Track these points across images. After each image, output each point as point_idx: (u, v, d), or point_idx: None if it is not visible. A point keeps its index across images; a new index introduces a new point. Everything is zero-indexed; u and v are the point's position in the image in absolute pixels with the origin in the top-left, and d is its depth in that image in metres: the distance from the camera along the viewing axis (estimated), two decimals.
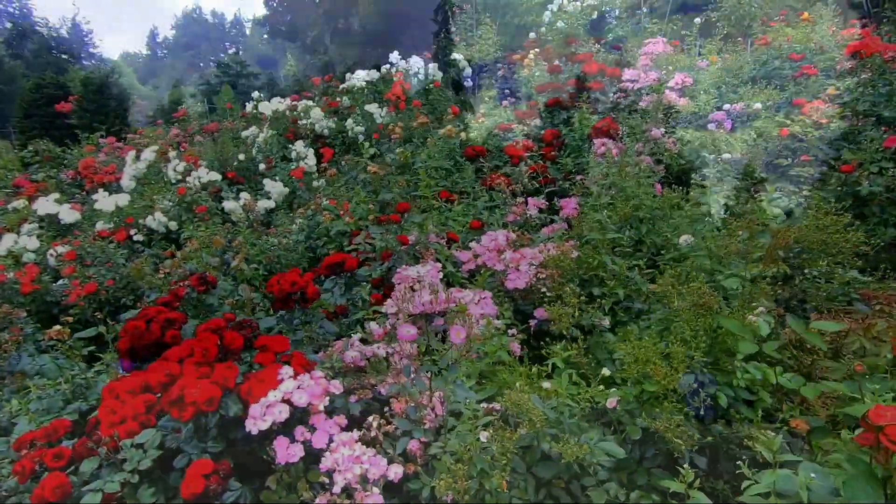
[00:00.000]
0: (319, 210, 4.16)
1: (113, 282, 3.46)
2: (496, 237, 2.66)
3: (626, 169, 3.66)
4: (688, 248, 2.83)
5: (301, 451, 1.56)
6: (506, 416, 1.64)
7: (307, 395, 1.58)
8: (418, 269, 2.52)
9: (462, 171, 4.73)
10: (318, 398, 1.60)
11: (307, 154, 5.88)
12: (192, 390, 1.49)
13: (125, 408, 1.71)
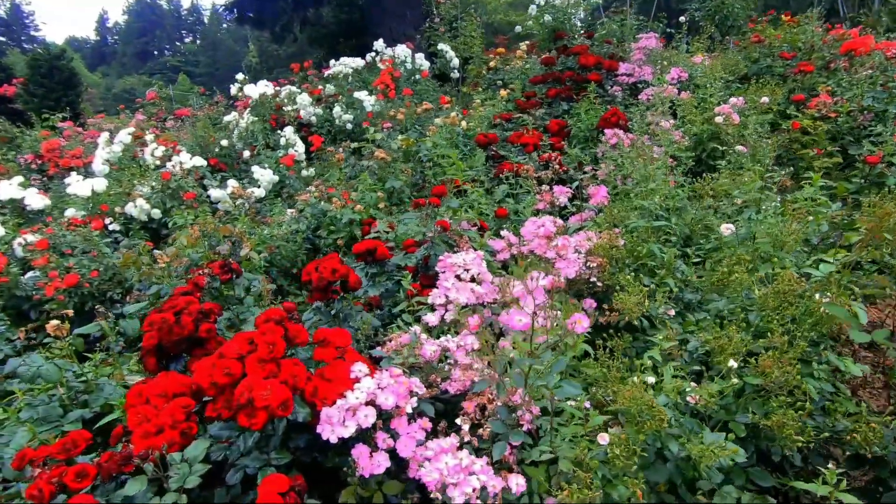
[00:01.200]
0: (323, 198, 3.87)
1: (98, 273, 3.08)
2: (543, 223, 2.49)
3: (645, 159, 3.58)
4: (731, 237, 2.75)
5: (387, 461, 1.34)
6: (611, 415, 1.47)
7: (393, 395, 1.35)
8: (464, 257, 2.33)
9: (469, 158, 4.54)
10: (404, 399, 1.38)
11: (296, 141, 5.55)
12: (261, 392, 1.24)
13: (161, 415, 1.44)
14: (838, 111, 4.10)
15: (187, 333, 1.64)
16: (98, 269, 3.10)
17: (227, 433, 1.37)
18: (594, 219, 3.08)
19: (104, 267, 3.14)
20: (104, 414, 2.05)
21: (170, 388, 1.53)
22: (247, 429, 1.35)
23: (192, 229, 2.83)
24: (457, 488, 1.17)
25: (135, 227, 4.41)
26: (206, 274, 2.13)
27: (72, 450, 1.42)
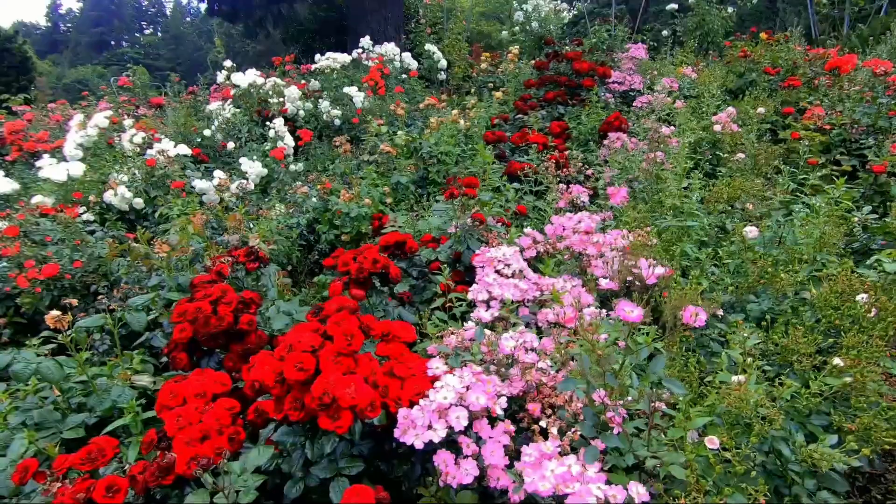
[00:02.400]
0: (323, 192, 3.67)
1: (81, 263, 2.78)
2: (581, 219, 2.39)
3: (651, 162, 3.61)
4: (755, 240, 2.75)
5: (475, 469, 1.20)
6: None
7: (484, 395, 1.21)
8: (503, 251, 2.21)
9: (471, 157, 4.44)
10: (493, 399, 1.23)
11: (285, 134, 5.30)
12: (344, 390, 1.07)
13: (206, 418, 1.24)
14: (832, 124, 4.23)
15: (226, 325, 1.45)
16: (82, 259, 2.80)
17: (290, 439, 1.19)
18: (616, 218, 3.03)
19: (87, 257, 2.84)
20: (107, 419, 1.81)
21: (208, 388, 1.33)
22: (318, 433, 1.18)
23: (195, 217, 2.59)
24: (575, 498, 1.04)
25: (111, 217, 4.07)
26: (230, 262, 1.92)
27: (98, 459, 1.20)
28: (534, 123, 4.42)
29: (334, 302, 1.30)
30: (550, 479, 1.10)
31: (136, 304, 1.94)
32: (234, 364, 1.50)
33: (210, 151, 5.59)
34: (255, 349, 1.50)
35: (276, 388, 1.15)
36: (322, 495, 1.24)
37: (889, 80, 4.29)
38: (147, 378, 1.88)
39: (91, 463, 1.20)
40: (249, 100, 6.09)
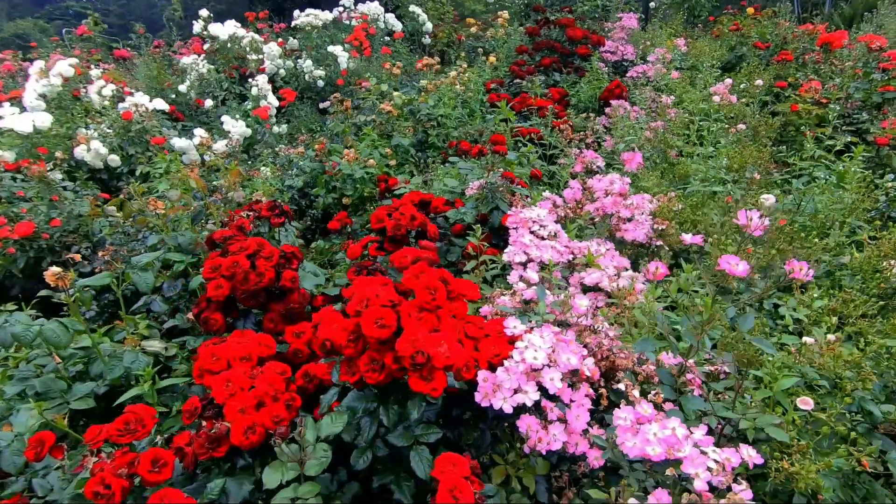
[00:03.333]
0: (323, 152, 3.44)
1: (60, 222, 2.50)
2: (612, 180, 2.30)
3: (656, 130, 3.56)
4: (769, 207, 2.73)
5: (564, 435, 1.11)
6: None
7: (575, 356, 1.11)
8: (538, 212, 2.11)
9: (469, 121, 4.28)
10: (581, 360, 1.14)
11: (268, 92, 4.98)
12: (437, 349, 0.95)
13: (260, 384, 1.10)
14: (828, 97, 4.27)
15: (267, 282, 1.29)
16: (60, 217, 2.52)
17: (362, 405, 1.06)
18: (633, 184, 2.97)
19: (66, 215, 2.56)
20: (116, 388, 1.63)
21: (253, 350, 1.18)
22: (392, 398, 1.06)
23: (193, 171, 2.35)
24: (690, 464, 0.96)
25: (81, 176, 3.72)
26: (251, 216, 1.73)
27: (137, 430, 1.04)
28: (535, 89, 4.28)
29: (407, 252, 1.15)
30: (655, 442, 1.01)
31: (142, 263, 1.74)
32: (274, 325, 1.34)
33: (185, 109, 5.21)
34: (299, 309, 1.35)
35: (350, 348, 1.01)
36: (393, 465, 1.13)
37: (885, 55, 4.35)
38: (158, 343, 1.70)
39: (130, 434, 1.04)
40: (226, 55, 5.68)
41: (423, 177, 2.82)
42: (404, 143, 3.61)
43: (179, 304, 2.31)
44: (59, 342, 1.41)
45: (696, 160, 2.70)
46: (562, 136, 3.18)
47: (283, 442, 0.93)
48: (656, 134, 3.70)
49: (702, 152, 2.69)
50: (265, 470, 0.93)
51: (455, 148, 3.84)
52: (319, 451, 0.95)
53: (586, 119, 4.63)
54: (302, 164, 3.37)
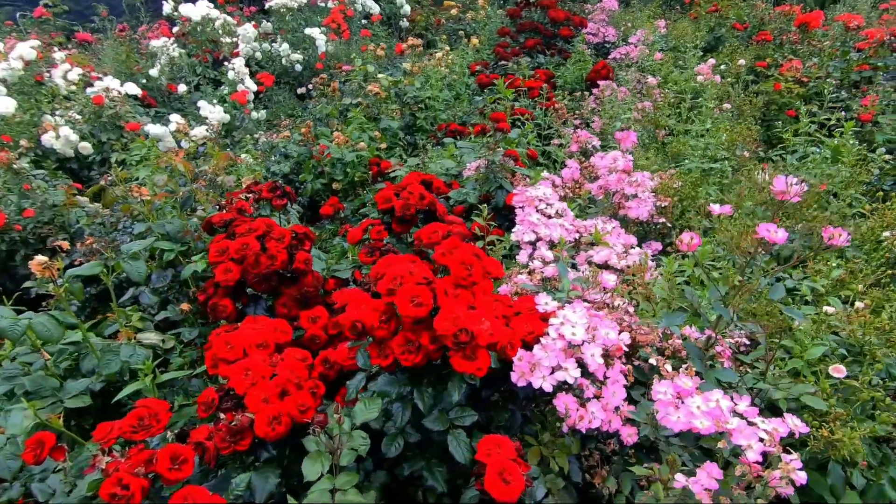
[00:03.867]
0: (309, 136, 3.33)
1: (34, 212, 2.35)
2: (615, 157, 2.27)
3: (643, 110, 3.57)
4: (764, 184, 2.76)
5: (602, 413, 1.08)
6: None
7: (614, 331, 1.07)
8: (543, 191, 2.06)
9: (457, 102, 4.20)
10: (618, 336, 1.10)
11: (245, 75, 4.79)
12: (480, 327, 0.89)
13: (281, 371, 1.03)
14: (809, 76, 4.34)
15: (279, 265, 1.21)
16: (33, 207, 2.36)
17: (395, 389, 1.01)
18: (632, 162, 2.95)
19: (40, 205, 2.40)
20: (113, 384, 1.53)
21: (269, 337, 1.11)
22: (425, 380, 1.00)
23: (177, 156, 2.22)
24: (739, 436, 0.93)
25: (49, 165, 3.51)
26: (251, 198, 1.63)
27: (152, 426, 0.96)
28: (523, 70, 4.21)
29: (437, 227, 1.09)
30: (701, 416, 0.99)
31: (132, 251, 1.63)
32: (288, 310, 1.26)
33: (157, 95, 4.98)
34: (314, 293, 1.27)
35: (382, 330, 0.95)
36: (421, 451, 1.08)
37: (862, 34, 4.43)
38: (154, 336, 1.60)
39: (145, 430, 0.95)
40: (198, 38, 5.44)
41: (417, 159, 2.74)
42: (393, 125, 3.52)
43: (169, 295, 2.20)
44: (51, 337, 1.30)
45: (688, 138, 2.69)
46: (556, 116, 3.13)
47: (321, 430, 0.86)
48: (644, 114, 3.70)
49: (695, 129, 2.68)
50: (304, 462, 0.86)
51: (444, 130, 3.77)
52: (358, 439, 0.89)
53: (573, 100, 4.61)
54: (288, 148, 3.24)
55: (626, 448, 1.27)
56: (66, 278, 1.42)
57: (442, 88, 4.23)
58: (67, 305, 1.43)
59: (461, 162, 2.65)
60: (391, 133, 3.61)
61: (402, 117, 3.90)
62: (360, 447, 0.88)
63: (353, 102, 3.74)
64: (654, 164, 2.69)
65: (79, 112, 3.48)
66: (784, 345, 1.28)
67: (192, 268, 1.98)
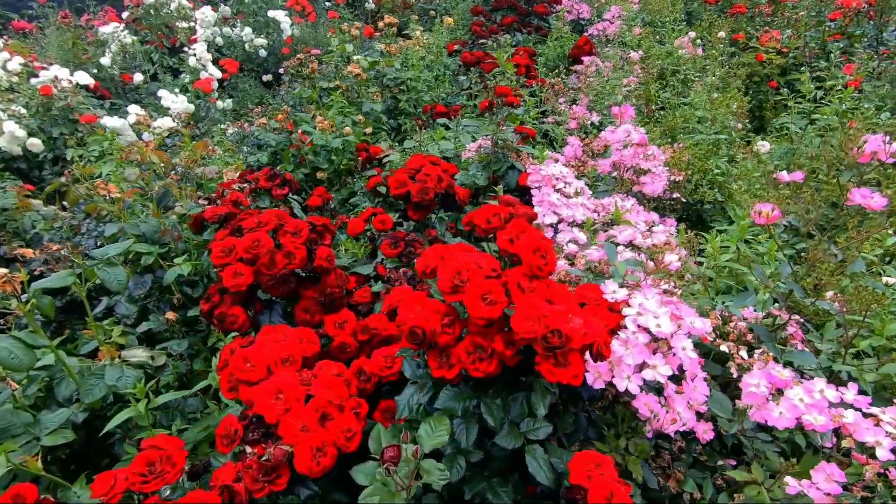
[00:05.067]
0: (284, 123, 3.08)
1: None
2: (629, 131, 2.14)
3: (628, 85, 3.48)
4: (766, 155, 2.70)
5: (689, 412, 0.95)
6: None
7: (700, 319, 0.94)
8: (560, 169, 1.92)
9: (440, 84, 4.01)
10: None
11: (208, 62, 4.46)
12: (570, 326, 0.74)
13: (318, 392, 0.86)
14: (788, 47, 4.33)
15: (298, 263, 1.02)
16: None
17: (460, 405, 0.84)
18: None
19: None
20: (97, 412, 1.32)
21: (294, 350, 0.93)
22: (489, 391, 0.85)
23: (147, 147, 1.97)
24: (867, 432, 0.82)
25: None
26: (247, 189, 1.42)
27: (167, 472, 0.77)
28: (506, 47, 4.05)
29: (497, 209, 0.92)
30: (808, 410, 0.87)
31: (108, 256, 1.40)
32: (311, 316, 1.07)
33: (110, 85, 4.58)
34: (338, 294, 1.09)
35: (446, 335, 0.79)
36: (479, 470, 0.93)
37: (837, 2, 4.45)
38: (142, 352, 1.39)
39: (159, 478, 0.77)
40: (151, 23, 5.04)
41: (412, 142, 2.55)
42: (377, 108, 3.31)
43: (148, 304, 1.97)
44: (19, 364, 1.08)
45: (685, 110, 2.60)
46: (551, 93, 2.99)
47: (395, 465, 0.70)
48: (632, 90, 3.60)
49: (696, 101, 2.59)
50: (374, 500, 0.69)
51: (430, 112, 3.58)
52: (434, 471, 0.72)
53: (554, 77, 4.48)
54: (266, 137, 2.99)
55: (693, 445, 1.16)
56: (31, 292, 1.19)
57: (422, 69, 4.03)
58: (36, 324, 1.20)
59: (459, 144, 2.48)
60: (374, 117, 3.40)
61: (384, 100, 3.68)
62: (436, 481, 0.72)
63: (331, 86, 3.49)
64: (655, 140, 2.59)
65: (24, 105, 3.12)
66: (852, 320, 1.18)
67: (175, 272, 1.76)
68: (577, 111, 3.03)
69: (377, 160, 2.73)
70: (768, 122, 4.27)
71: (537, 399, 0.80)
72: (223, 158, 3.15)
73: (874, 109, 2.50)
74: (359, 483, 0.83)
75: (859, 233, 1.03)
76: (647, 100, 3.58)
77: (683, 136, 2.92)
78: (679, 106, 3.15)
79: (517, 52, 4.54)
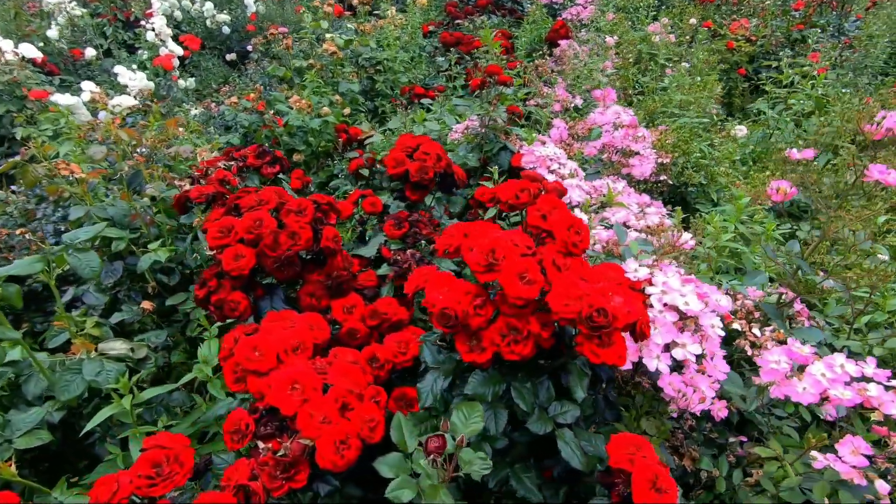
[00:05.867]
0: (257, 102, 2.93)
1: None
2: (619, 112, 2.13)
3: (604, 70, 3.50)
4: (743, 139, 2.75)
5: (712, 391, 0.94)
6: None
7: (726, 298, 0.93)
8: (553, 150, 1.89)
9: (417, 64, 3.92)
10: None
11: (168, 37, 4.19)
12: (613, 304, 0.71)
13: (336, 380, 0.80)
14: (756, 35, 4.44)
15: (304, 244, 0.95)
16: None
17: (489, 389, 0.80)
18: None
19: None
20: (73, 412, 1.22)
21: (304, 337, 0.87)
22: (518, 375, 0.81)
23: (113, 124, 1.82)
24: (892, 405, 0.82)
25: None
26: (234, 167, 1.32)
27: (175, 472, 0.70)
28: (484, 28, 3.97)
29: (524, 184, 0.87)
30: (832, 385, 0.87)
31: (78, 240, 1.28)
32: (317, 300, 1.00)
33: (59, 61, 4.26)
34: (346, 277, 1.01)
35: (478, 317, 0.74)
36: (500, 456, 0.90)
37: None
38: (121, 345, 1.29)
39: (167, 481, 0.69)
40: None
41: (398, 122, 2.47)
42: (354, 88, 3.19)
43: (119, 293, 1.84)
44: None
45: (665, 94, 2.63)
46: (535, 74, 2.95)
47: (440, 456, 0.65)
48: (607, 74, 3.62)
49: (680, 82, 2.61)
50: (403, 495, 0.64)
51: (409, 94, 3.48)
52: (476, 461, 0.68)
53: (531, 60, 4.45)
54: (238, 117, 2.83)
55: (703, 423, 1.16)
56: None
57: (398, 49, 3.91)
58: (2, 316, 1.08)
59: (444, 125, 2.42)
60: (350, 98, 3.28)
61: (360, 81, 3.56)
62: (477, 471, 0.67)
63: (304, 65, 3.34)
64: (643, 122, 2.60)
65: None
66: (857, 297, 1.20)
67: (150, 258, 1.64)
68: (560, 94, 3.01)
69: (358, 142, 2.64)
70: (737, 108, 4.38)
71: (575, 381, 0.77)
72: (190, 140, 2.97)
73: (848, 94, 2.57)
74: (384, 475, 0.78)
75: (867, 209, 1.04)
76: (624, 84, 3.60)
77: (663, 120, 2.95)
78: (656, 91, 3.17)
79: (494, 33, 4.48)
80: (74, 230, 1.32)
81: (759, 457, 0.99)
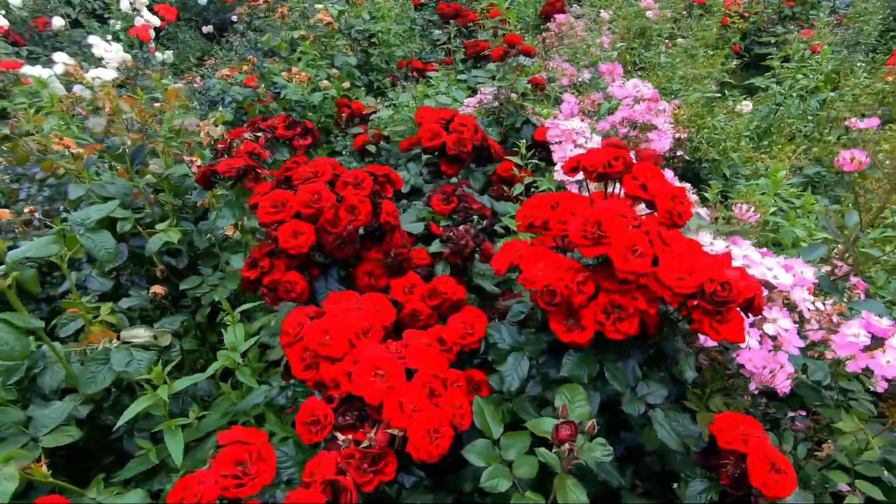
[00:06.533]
0: (252, 73, 2.77)
1: None
2: (637, 85, 2.08)
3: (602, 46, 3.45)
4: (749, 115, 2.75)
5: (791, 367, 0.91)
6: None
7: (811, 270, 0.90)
8: (576, 123, 1.83)
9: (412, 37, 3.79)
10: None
11: (143, 6, 3.94)
12: (728, 276, 0.66)
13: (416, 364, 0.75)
14: (749, 11, 4.44)
15: (364, 219, 0.87)
16: None
17: (584, 371, 0.76)
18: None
19: None
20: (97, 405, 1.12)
21: (374, 319, 0.81)
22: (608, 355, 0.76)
23: (109, 95, 1.68)
24: None
25: None
26: (262, 138, 1.22)
27: (262, 471, 0.63)
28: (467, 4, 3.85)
29: (616, 153, 0.80)
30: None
31: (91, 219, 1.17)
32: (375, 280, 0.92)
33: (22, 30, 3.96)
34: (405, 255, 0.93)
35: (581, 294, 0.69)
36: None
37: None
38: (144, 332, 1.19)
39: (255, 480, 0.62)
40: None
41: (407, 95, 2.36)
42: (351, 62, 3.05)
43: (122, 277, 1.73)
44: (11, 352, 0.87)
45: (667, 70, 2.60)
46: (542, 48, 2.87)
47: (572, 444, 0.60)
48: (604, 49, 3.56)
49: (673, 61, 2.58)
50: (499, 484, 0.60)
51: (406, 68, 3.36)
52: (596, 447, 0.63)
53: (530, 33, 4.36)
54: (232, 91, 2.67)
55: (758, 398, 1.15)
56: (9, 263, 0.96)
57: (392, 22, 3.76)
58: (18, 302, 0.98)
59: (454, 98, 2.33)
60: (347, 71, 3.14)
61: (354, 54, 3.41)
62: (599, 458, 0.63)
63: (297, 36, 3.17)
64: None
65: None
66: None
67: (160, 239, 1.54)
68: (568, 69, 2.94)
69: (360, 117, 2.52)
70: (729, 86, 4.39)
71: (684, 361, 0.73)
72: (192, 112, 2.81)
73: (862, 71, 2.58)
74: (473, 464, 0.73)
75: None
76: (623, 60, 3.55)
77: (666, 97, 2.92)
78: (657, 67, 3.14)
79: (492, 8, 4.36)
80: (85, 209, 1.20)
81: (819, 431, 0.97)
